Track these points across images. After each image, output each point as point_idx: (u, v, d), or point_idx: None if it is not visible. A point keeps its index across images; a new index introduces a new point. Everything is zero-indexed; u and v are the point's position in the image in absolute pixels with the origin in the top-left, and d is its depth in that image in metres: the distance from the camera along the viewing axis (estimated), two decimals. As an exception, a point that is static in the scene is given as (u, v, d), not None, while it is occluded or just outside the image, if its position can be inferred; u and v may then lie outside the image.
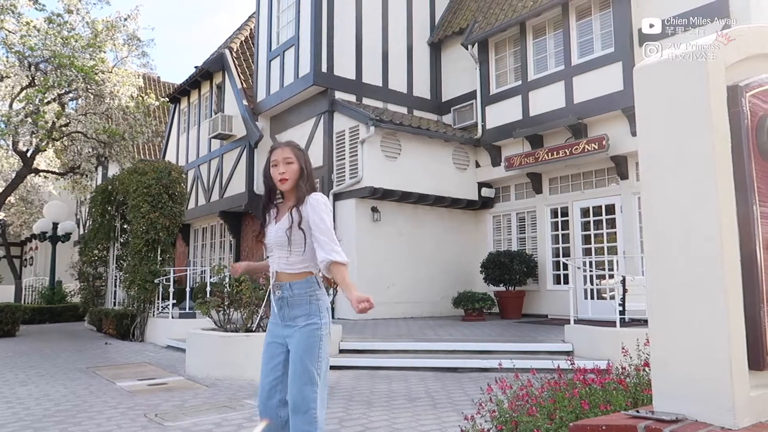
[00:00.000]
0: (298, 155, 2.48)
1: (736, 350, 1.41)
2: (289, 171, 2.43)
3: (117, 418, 4.37)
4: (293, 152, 2.47)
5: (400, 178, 11.06)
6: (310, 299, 2.40)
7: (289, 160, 2.44)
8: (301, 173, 2.45)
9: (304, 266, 2.42)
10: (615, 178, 10.23)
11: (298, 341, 2.36)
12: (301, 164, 2.46)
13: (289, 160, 2.44)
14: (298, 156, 2.47)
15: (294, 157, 2.45)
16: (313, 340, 2.36)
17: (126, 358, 7.90)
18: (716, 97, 1.48)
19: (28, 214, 21.33)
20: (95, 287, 12.85)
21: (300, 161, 2.46)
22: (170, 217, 9.99)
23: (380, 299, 10.88)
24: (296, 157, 2.46)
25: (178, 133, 17.89)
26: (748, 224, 1.49)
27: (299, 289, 2.39)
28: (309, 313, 2.38)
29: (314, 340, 2.36)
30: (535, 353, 6.72)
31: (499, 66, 11.92)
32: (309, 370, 2.32)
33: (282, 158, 2.45)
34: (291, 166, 2.44)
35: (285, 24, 13.00)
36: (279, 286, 2.43)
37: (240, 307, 6.60)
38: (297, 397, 2.29)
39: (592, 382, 2.63)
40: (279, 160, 2.45)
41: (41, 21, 11.74)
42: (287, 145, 2.51)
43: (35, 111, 11.31)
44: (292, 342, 2.39)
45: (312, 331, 2.36)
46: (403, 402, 4.85)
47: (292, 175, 2.44)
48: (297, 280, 2.40)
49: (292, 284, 2.40)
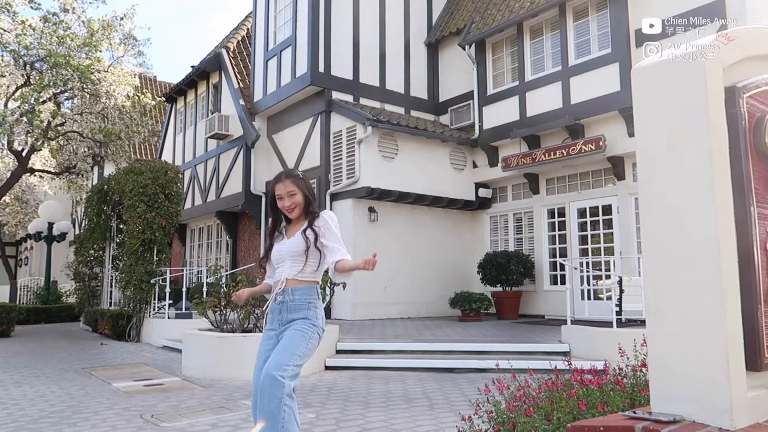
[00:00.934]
0: (300, 185, 2.64)
1: (733, 351, 1.41)
2: (294, 202, 2.62)
3: (113, 419, 4.35)
4: (295, 184, 2.64)
5: (397, 179, 11.06)
6: (308, 305, 2.58)
7: (292, 192, 2.62)
8: (306, 200, 2.63)
9: (313, 277, 2.61)
10: (612, 179, 10.25)
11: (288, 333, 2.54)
12: (304, 192, 2.63)
13: (293, 192, 2.62)
14: (299, 186, 2.64)
15: (296, 188, 2.63)
16: (305, 328, 2.54)
17: (122, 358, 7.87)
18: (714, 98, 1.48)
19: (24, 213, 21.25)
20: (91, 287, 12.80)
21: (302, 190, 2.63)
22: (166, 217, 9.96)
23: (377, 300, 10.90)
24: (298, 188, 2.63)
25: (174, 133, 17.85)
26: (745, 225, 1.49)
27: (300, 295, 2.57)
28: (306, 317, 2.58)
29: (306, 328, 2.54)
30: (532, 354, 6.72)
31: (497, 66, 11.93)
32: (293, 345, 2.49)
33: (286, 192, 2.62)
34: (295, 198, 2.62)
35: (282, 24, 12.98)
36: (282, 291, 2.58)
37: (236, 308, 6.58)
38: (272, 363, 2.45)
39: (590, 382, 2.63)
40: (283, 195, 2.63)
41: (37, 20, 11.69)
42: (287, 178, 2.66)
43: (31, 110, 11.26)
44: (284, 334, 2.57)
45: (306, 324, 2.56)
46: (400, 402, 4.84)
47: (298, 205, 2.62)
48: (301, 286, 2.58)
49: (295, 290, 2.57)
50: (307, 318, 2.56)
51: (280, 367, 2.43)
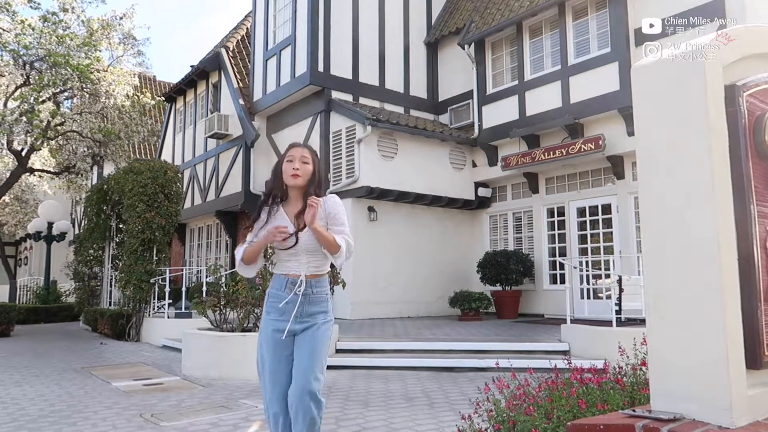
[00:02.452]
0: (315, 159, 2.56)
1: (733, 349, 1.41)
2: (303, 169, 2.49)
3: (112, 419, 4.35)
4: (311, 154, 2.55)
5: (397, 178, 11.06)
6: (327, 296, 2.56)
7: (305, 159, 2.52)
8: (313, 176, 2.52)
9: (327, 267, 2.56)
10: (611, 178, 10.25)
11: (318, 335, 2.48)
12: (315, 168, 2.53)
13: (306, 160, 2.52)
14: (314, 159, 2.55)
15: (311, 158, 2.53)
16: (328, 335, 2.54)
17: (121, 358, 7.87)
18: (714, 97, 1.48)
19: (23, 213, 21.23)
20: (90, 287, 12.79)
21: (315, 165, 2.54)
22: (166, 216, 9.96)
23: (376, 299, 10.90)
24: (312, 160, 2.54)
25: (174, 133, 17.84)
26: (745, 223, 1.50)
27: (320, 287, 2.53)
28: (327, 310, 2.54)
29: (329, 334, 2.55)
30: (532, 353, 6.72)
31: (496, 66, 11.93)
32: (323, 360, 2.47)
33: (299, 156, 2.52)
34: (306, 166, 2.51)
35: (281, 23, 12.97)
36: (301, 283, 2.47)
37: (236, 307, 6.58)
38: (313, 384, 2.38)
39: (589, 381, 2.63)
40: (296, 157, 2.51)
41: (36, 19, 11.68)
42: (306, 147, 2.59)
43: (30, 110, 11.24)
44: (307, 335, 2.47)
45: (329, 328, 2.55)
46: (400, 402, 4.85)
47: (305, 174, 2.49)
48: (320, 278, 2.54)
49: (314, 282, 2.51)
50: (327, 311, 2.53)
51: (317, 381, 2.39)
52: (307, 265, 2.49)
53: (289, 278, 2.49)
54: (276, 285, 2.53)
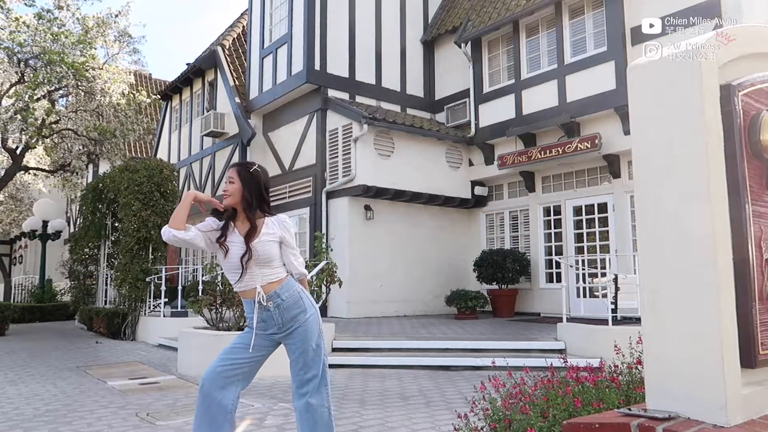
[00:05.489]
0: (242, 175, 2.64)
1: (728, 348, 1.42)
2: (229, 189, 2.63)
3: (108, 418, 4.34)
4: (236, 173, 2.65)
5: (394, 177, 11.06)
6: (299, 296, 2.64)
7: (231, 179, 2.65)
8: (243, 194, 2.62)
9: (280, 272, 2.65)
10: (607, 177, 10.27)
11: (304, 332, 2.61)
12: (242, 184, 2.62)
13: (231, 180, 2.65)
14: (241, 175, 2.64)
15: (236, 177, 2.64)
16: (314, 326, 2.65)
17: (117, 357, 7.85)
18: (709, 96, 1.48)
19: (18, 212, 21.11)
20: (86, 286, 12.74)
21: (242, 181, 2.62)
22: (162, 215, 9.93)
23: (373, 298, 10.90)
24: (238, 177, 2.63)
25: (169, 131, 17.78)
26: (740, 223, 1.50)
27: (287, 291, 2.62)
28: (304, 308, 2.64)
29: (314, 325, 2.66)
30: (528, 351, 6.74)
31: (492, 64, 11.94)
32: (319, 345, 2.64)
33: (227, 176, 2.68)
34: (231, 185, 2.64)
35: (278, 21, 12.94)
36: (269, 298, 2.60)
37: (232, 306, 6.57)
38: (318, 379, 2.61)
39: (585, 380, 2.63)
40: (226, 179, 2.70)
41: (31, 17, 11.63)
42: (233, 166, 2.72)
43: (25, 108, 11.19)
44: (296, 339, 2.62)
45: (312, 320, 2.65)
46: (397, 400, 4.85)
47: (232, 192, 2.62)
48: (280, 285, 2.62)
49: (279, 290, 2.61)
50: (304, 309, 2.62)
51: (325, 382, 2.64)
52: (261, 277, 2.60)
53: (253, 299, 2.62)
54: (248, 309, 2.69)
